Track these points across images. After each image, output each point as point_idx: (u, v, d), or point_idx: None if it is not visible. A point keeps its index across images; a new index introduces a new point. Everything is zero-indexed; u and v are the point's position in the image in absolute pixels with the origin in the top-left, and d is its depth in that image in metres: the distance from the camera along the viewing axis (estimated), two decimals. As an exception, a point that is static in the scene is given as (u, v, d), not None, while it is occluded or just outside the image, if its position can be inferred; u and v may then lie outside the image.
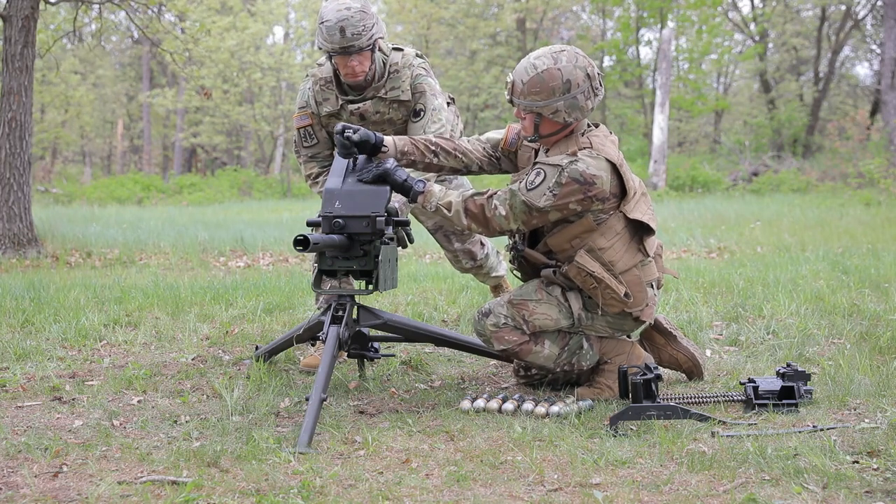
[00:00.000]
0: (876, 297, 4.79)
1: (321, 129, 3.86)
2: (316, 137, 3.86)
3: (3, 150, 7.70)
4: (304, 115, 3.84)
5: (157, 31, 11.26)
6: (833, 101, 26.53)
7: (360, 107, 3.74)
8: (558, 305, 3.18)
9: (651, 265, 3.23)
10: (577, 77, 3.04)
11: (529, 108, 3.08)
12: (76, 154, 31.73)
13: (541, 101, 3.05)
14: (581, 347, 3.24)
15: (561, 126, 3.11)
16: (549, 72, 3.03)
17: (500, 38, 25.55)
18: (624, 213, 3.12)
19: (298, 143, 3.91)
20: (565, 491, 2.32)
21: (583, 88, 3.05)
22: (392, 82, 3.74)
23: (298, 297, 5.13)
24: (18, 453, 2.60)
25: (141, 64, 29.38)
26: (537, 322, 3.17)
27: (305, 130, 3.85)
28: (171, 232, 9.66)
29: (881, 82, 16.58)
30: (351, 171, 3.12)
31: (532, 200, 3.02)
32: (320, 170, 3.88)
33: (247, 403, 3.10)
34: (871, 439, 2.60)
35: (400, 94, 3.74)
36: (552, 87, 3.03)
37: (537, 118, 3.10)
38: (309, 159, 3.91)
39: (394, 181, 3.08)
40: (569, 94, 3.03)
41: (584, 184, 3.00)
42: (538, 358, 3.21)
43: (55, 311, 4.62)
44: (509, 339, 3.17)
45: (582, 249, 3.11)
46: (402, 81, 3.73)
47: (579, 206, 3.04)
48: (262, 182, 22.51)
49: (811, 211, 11.78)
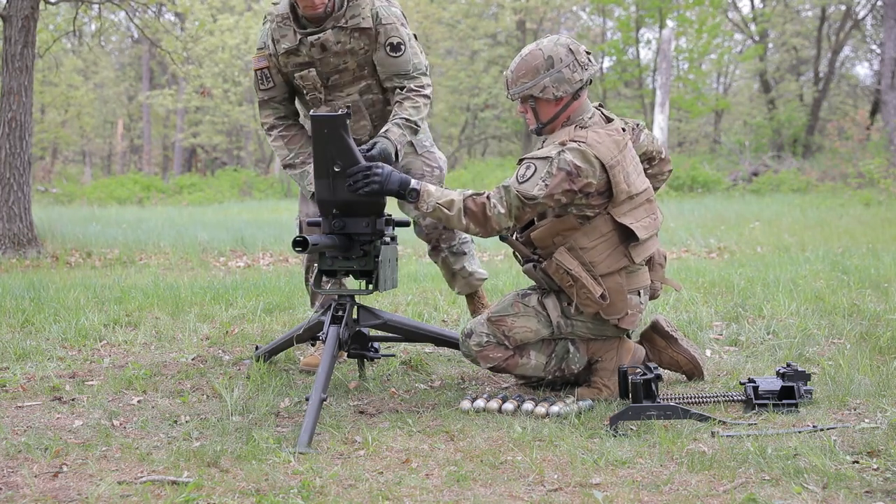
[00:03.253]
0: (876, 297, 4.79)
1: (278, 73, 3.73)
2: (272, 80, 3.74)
3: (3, 150, 7.71)
4: (262, 57, 3.73)
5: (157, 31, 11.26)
6: (833, 101, 26.53)
7: (319, 37, 3.60)
8: (536, 315, 3.18)
9: (640, 273, 3.21)
10: (558, 52, 3.13)
11: (522, 93, 3.15)
12: (76, 154, 31.73)
13: (528, 81, 3.13)
14: (568, 352, 3.24)
15: (555, 104, 3.15)
16: (531, 53, 3.16)
17: (500, 38, 25.55)
18: (612, 215, 3.10)
19: (255, 85, 3.80)
20: (565, 491, 2.32)
21: (566, 62, 3.12)
22: (351, 10, 3.61)
23: (298, 297, 5.13)
24: (18, 453, 2.60)
25: (141, 64, 29.38)
26: (518, 336, 3.18)
27: (262, 73, 3.73)
28: (171, 232, 9.66)
29: (881, 82, 16.59)
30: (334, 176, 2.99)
31: (525, 191, 3.01)
32: (275, 121, 3.78)
33: (247, 403, 3.10)
34: (871, 439, 2.60)
35: (360, 21, 3.60)
36: (535, 66, 3.13)
37: (532, 102, 3.16)
38: (265, 103, 3.79)
39: (389, 192, 3.03)
40: (553, 69, 3.11)
41: (570, 174, 3.01)
42: (526, 370, 3.23)
43: (55, 311, 4.63)
44: (494, 357, 3.18)
45: (563, 247, 3.12)
46: (361, 9, 3.61)
47: (564, 198, 3.03)
48: (262, 182, 22.51)
49: (811, 211, 11.78)
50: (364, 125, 3.77)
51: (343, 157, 2.95)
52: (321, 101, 3.72)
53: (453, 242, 3.90)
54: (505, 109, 25.56)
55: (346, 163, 2.96)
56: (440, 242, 3.89)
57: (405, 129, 3.54)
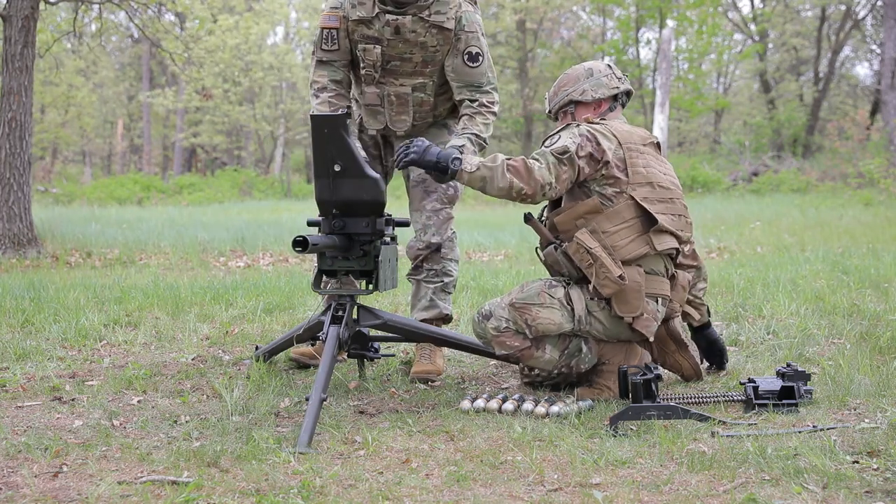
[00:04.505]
0: (876, 297, 4.79)
1: (346, 37, 3.59)
2: (338, 43, 3.58)
3: (3, 150, 7.70)
4: (334, 17, 3.56)
5: (157, 31, 11.26)
6: (833, 101, 26.54)
7: (398, 19, 3.48)
8: (561, 309, 3.17)
9: (660, 280, 3.23)
10: (596, 66, 3.40)
11: (564, 100, 3.35)
12: (76, 154, 31.74)
13: (569, 88, 3.36)
14: (580, 350, 3.24)
15: (593, 108, 3.34)
16: (572, 69, 3.44)
17: (500, 38, 25.55)
18: (633, 197, 3.14)
19: (318, 42, 3.63)
20: (565, 491, 2.31)
21: (605, 73, 3.37)
22: (438, 6, 3.50)
23: (298, 297, 5.13)
24: (18, 453, 2.59)
25: (141, 64, 29.39)
26: (541, 327, 3.16)
27: (329, 32, 3.57)
28: (171, 232, 9.66)
29: (881, 82, 16.59)
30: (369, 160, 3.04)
31: (557, 147, 3.11)
32: (329, 83, 3.63)
33: (247, 403, 3.10)
34: (871, 439, 2.60)
35: (444, 20, 3.50)
36: (577, 75, 3.38)
37: (572, 108, 3.35)
38: (322, 64, 3.64)
39: (426, 163, 3.06)
40: (592, 76, 3.36)
41: (590, 139, 3.14)
42: (539, 363, 3.22)
43: (55, 311, 4.63)
44: (511, 345, 3.17)
45: (585, 228, 3.16)
46: (448, 8, 3.51)
47: (588, 167, 3.13)
48: (262, 182, 22.53)
49: (811, 211, 11.79)
50: (405, 119, 3.69)
51: (343, 157, 2.95)
52: (374, 81, 3.64)
53: (436, 266, 3.70)
54: (504, 109, 25.57)
55: (346, 163, 2.96)
56: (424, 262, 3.71)
57: (475, 146, 3.51)
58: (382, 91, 3.65)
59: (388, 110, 3.70)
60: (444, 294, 3.72)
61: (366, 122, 3.78)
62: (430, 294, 3.69)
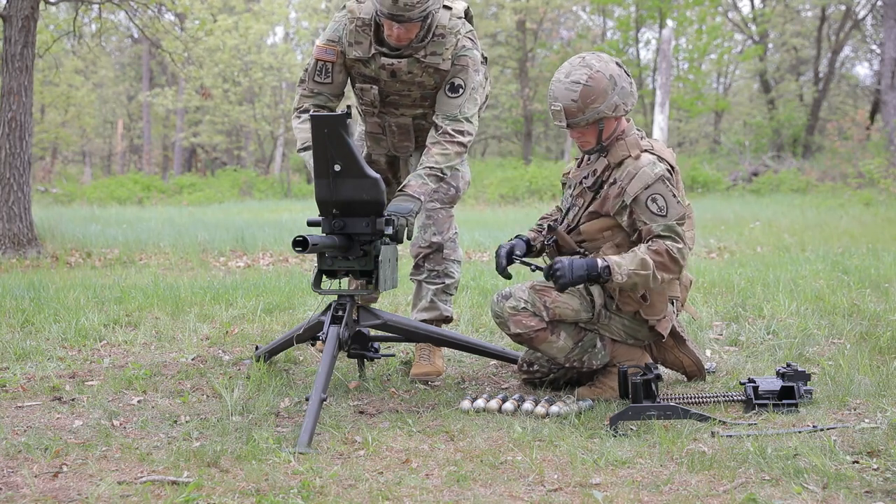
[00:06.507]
0: (876, 297, 4.79)
1: (341, 72, 3.54)
2: (331, 77, 3.52)
3: (3, 150, 7.70)
4: (331, 50, 3.49)
5: (157, 31, 11.26)
6: (833, 101, 26.55)
7: (393, 63, 3.45)
8: (581, 298, 3.19)
9: (675, 282, 3.25)
10: (613, 69, 3.16)
11: (594, 117, 3.13)
12: (76, 154, 31.73)
13: (601, 105, 3.12)
14: (594, 346, 3.24)
15: (616, 119, 3.19)
16: (592, 78, 3.12)
17: (500, 38, 25.55)
18: None
19: (310, 73, 3.56)
20: (565, 491, 2.32)
21: (624, 78, 3.18)
22: (434, 46, 3.45)
23: (298, 297, 5.13)
24: (18, 453, 2.60)
25: (141, 64, 29.39)
26: (558, 310, 3.17)
27: (325, 65, 3.51)
28: (171, 232, 9.66)
29: (881, 82, 16.59)
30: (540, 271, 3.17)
31: (676, 215, 3.08)
32: (312, 107, 3.57)
33: (247, 403, 3.10)
34: (871, 439, 2.60)
35: (440, 62, 3.46)
36: (603, 87, 3.12)
37: (600, 124, 3.15)
38: (310, 94, 3.57)
39: (578, 281, 3.05)
40: (617, 86, 3.14)
41: (676, 185, 3.15)
42: (551, 348, 3.21)
43: (55, 311, 4.62)
44: (527, 324, 3.17)
45: (611, 242, 3.16)
46: (445, 49, 3.45)
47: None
48: (262, 182, 22.52)
49: (811, 211, 11.79)
50: (407, 146, 3.73)
51: (343, 157, 2.95)
52: (374, 114, 3.66)
53: (438, 267, 3.69)
54: (504, 110, 25.57)
55: (346, 163, 2.96)
56: (425, 262, 3.69)
57: (428, 179, 3.41)
58: (384, 121, 3.68)
59: (390, 138, 3.73)
60: (445, 295, 3.72)
61: (370, 149, 3.81)
62: (431, 295, 3.70)
